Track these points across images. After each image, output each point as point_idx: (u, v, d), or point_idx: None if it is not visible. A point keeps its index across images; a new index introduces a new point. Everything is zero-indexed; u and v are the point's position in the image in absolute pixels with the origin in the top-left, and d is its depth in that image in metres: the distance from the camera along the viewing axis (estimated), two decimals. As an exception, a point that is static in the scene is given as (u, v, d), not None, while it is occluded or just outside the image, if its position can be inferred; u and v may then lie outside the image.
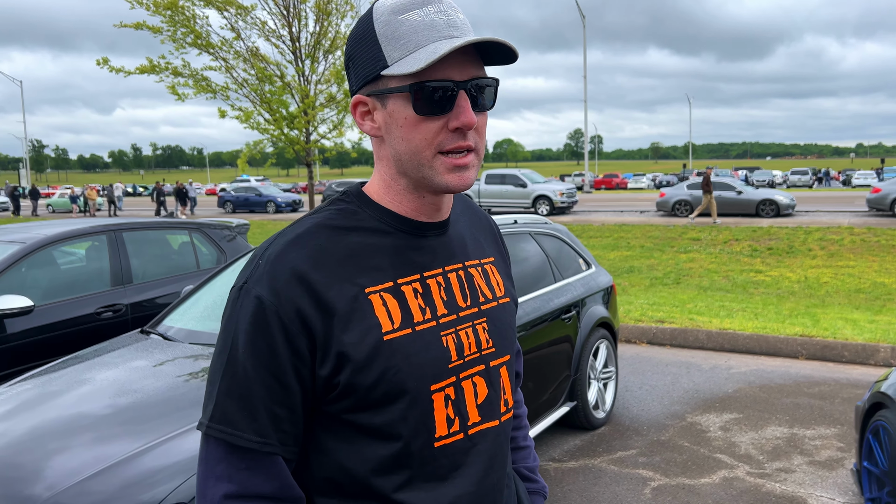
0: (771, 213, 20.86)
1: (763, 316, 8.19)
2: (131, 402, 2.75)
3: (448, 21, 1.00)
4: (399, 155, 1.05)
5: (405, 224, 1.10)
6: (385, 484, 1.04)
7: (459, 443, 1.08)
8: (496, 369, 1.14)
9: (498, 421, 1.14)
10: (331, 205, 1.12)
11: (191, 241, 5.85)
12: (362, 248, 1.06)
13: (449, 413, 1.07)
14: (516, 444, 1.38)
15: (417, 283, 1.08)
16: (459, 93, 1.01)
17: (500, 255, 1.28)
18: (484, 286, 1.18)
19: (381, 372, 1.01)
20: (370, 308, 1.03)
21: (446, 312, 1.09)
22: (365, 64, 1.04)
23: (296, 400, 1.02)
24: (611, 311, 5.24)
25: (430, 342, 1.06)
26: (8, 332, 4.30)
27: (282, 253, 1.02)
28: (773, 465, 4.22)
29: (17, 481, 2.32)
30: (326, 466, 1.06)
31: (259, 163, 15.10)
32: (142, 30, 12.02)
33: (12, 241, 4.80)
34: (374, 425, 1.03)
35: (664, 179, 57.55)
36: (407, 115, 1.02)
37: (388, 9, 1.01)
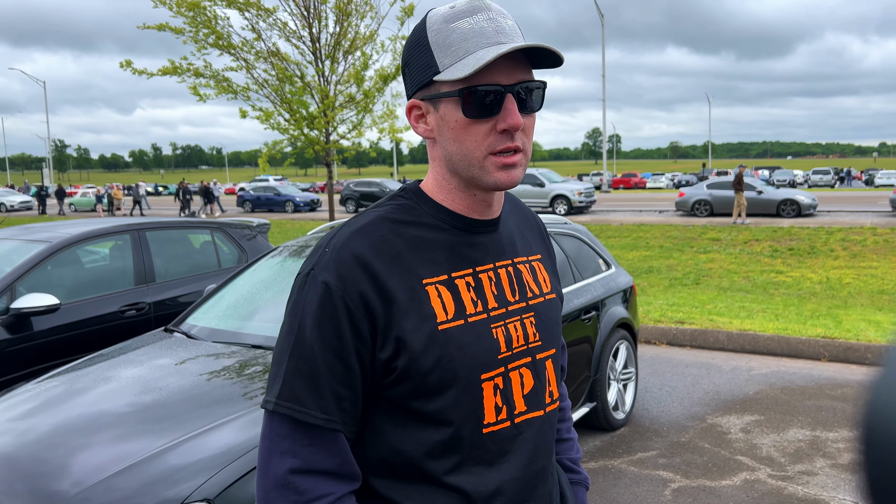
0: (792, 214, 20.65)
1: (784, 317, 8.11)
2: (155, 399, 2.79)
3: (496, 28, 1.05)
4: (450, 155, 1.11)
5: (459, 221, 1.16)
6: (436, 467, 1.10)
7: (506, 430, 1.13)
8: (542, 362, 1.20)
9: (543, 411, 1.19)
10: (390, 200, 1.17)
11: (212, 240, 5.90)
12: (420, 241, 1.12)
13: (497, 401, 1.12)
14: (560, 436, 1.44)
15: (470, 276, 1.14)
16: (507, 96, 1.05)
17: (546, 252, 1.33)
18: (531, 282, 1.23)
19: (436, 360, 1.06)
20: (427, 298, 1.08)
21: (496, 306, 1.15)
22: (419, 70, 1.10)
23: (357, 381, 1.07)
24: (631, 311, 5.22)
25: (481, 333, 1.11)
26: (35, 330, 4.37)
27: (347, 242, 1.08)
28: (795, 467, 4.18)
29: (43, 477, 2.36)
30: (381, 448, 1.11)
31: (278, 162, 15.19)
32: (164, 31, 12.13)
33: (38, 240, 4.88)
34: (427, 411, 1.09)
35: (683, 179, 57.12)
36: (457, 119, 1.07)
37: (440, 17, 1.07)
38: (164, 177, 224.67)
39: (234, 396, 2.77)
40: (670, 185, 57.27)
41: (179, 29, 12.30)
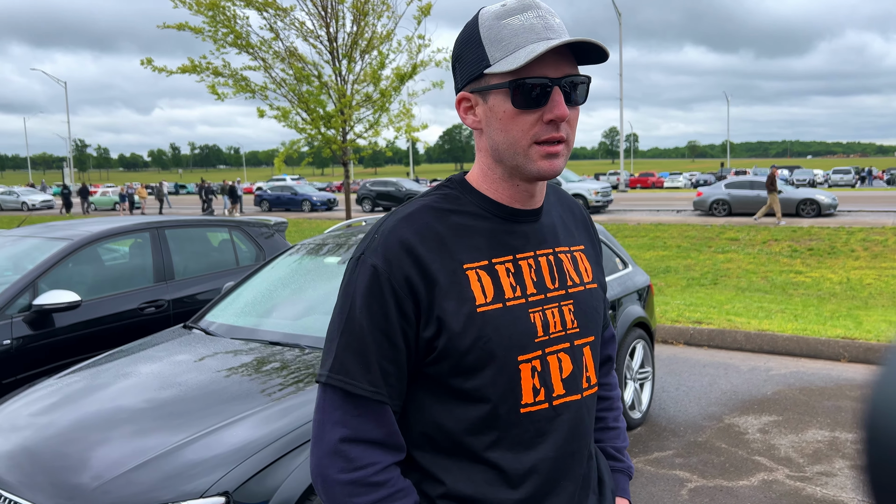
0: (812, 213, 20.44)
1: (803, 317, 8.04)
2: (174, 395, 2.82)
3: (545, 25, 1.11)
4: (497, 145, 1.17)
5: (501, 210, 1.21)
6: (474, 443, 1.16)
7: (544, 412, 1.19)
8: (580, 348, 1.24)
9: (580, 395, 1.23)
10: (436, 190, 1.25)
11: (230, 238, 5.95)
12: (463, 228, 1.18)
13: (535, 383, 1.18)
14: (606, 425, 1.48)
15: (510, 263, 1.19)
16: (554, 88, 1.11)
17: (591, 244, 1.37)
18: (572, 271, 1.27)
19: (474, 340, 1.13)
20: (467, 282, 1.15)
21: (535, 292, 1.20)
22: (470, 64, 1.16)
23: (402, 358, 1.15)
24: (647, 310, 5.20)
25: (519, 317, 1.17)
26: (56, 326, 4.43)
27: (394, 228, 1.16)
28: (813, 468, 4.15)
29: (64, 470, 2.40)
30: (423, 423, 1.19)
31: (295, 162, 15.27)
32: (184, 30, 12.24)
33: (59, 237, 4.95)
34: (465, 388, 1.15)
35: (701, 178, 56.70)
36: (506, 109, 1.13)
37: (491, 15, 1.13)
38: (183, 176, 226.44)
39: (252, 392, 2.79)
40: (688, 185, 56.88)
41: (199, 28, 12.41)
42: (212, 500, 2.24)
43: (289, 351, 3.22)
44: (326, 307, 3.66)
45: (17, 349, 4.24)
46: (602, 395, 1.50)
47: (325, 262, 4.00)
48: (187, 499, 2.23)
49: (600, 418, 1.48)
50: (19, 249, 5.01)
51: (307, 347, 3.23)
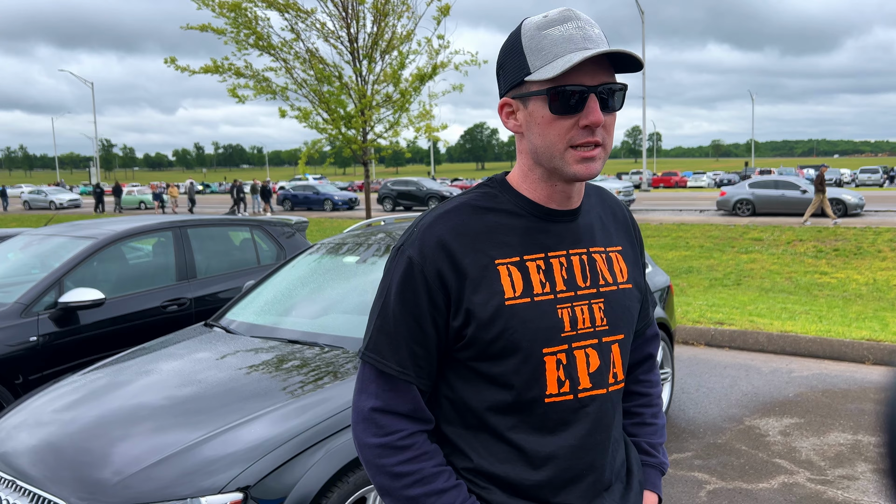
0: (838, 213, 20.15)
1: (828, 319, 7.93)
2: (194, 392, 2.86)
3: (584, 35, 1.17)
4: (536, 148, 1.23)
5: (537, 209, 1.28)
6: (499, 422, 1.25)
7: (568, 403, 1.25)
8: (608, 345, 1.29)
9: (606, 389, 1.29)
10: (477, 188, 1.32)
11: (252, 237, 6.01)
12: (497, 226, 1.26)
13: (560, 375, 1.24)
14: (644, 420, 1.52)
15: (541, 260, 1.26)
16: (590, 96, 1.17)
17: (630, 244, 1.41)
18: (605, 271, 1.32)
19: (501, 330, 1.21)
20: (497, 277, 1.22)
21: (565, 289, 1.26)
22: (512, 71, 1.23)
23: (431, 343, 1.25)
24: (667, 311, 5.17)
25: (546, 312, 1.23)
26: (81, 324, 4.51)
27: (431, 224, 1.25)
28: (835, 471, 4.10)
29: (86, 466, 2.44)
30: (452, 400, 1.29)
31: (317, 162, 15.36)
32: (207, 31, 12.38)
33: (84, 236, 5.03)
34: (491, 373, 1.24)
35: (725, 178, 56.11)
36: (544, 115, 1.20)
37: (534, 25, 1.20)
38: (207, 175, 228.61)
39: (271, 390, 2.82)
40: (712, 184, 56.32)
41: (221, 30, 12.53)
42: (230, 495, 2.27)
43: (308, 349, 3.25)
44: (345, 306, 3.69)
45: (43, 346, 4.32)
46: (641, 392, 1.53)
47: (345, 261, 4.03)
48: (206, 494, 2.26)
49: (638, 413, 1.52)
50: (46, 248, 5.11)
51: (326, 346, 3.26)
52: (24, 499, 2.41)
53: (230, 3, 12.14)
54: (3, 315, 4.29)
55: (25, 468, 2.51)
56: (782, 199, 21.13)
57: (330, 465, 2.46)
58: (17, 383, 4.19)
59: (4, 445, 2.68)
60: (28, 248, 5.23)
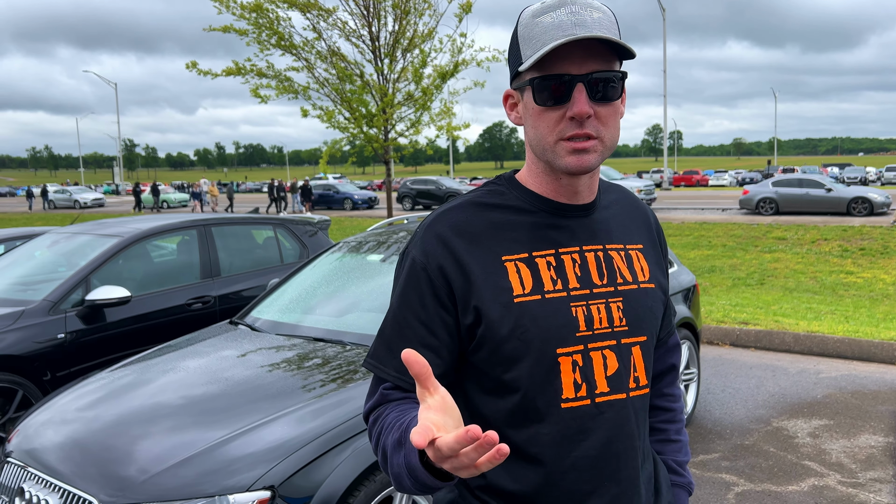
0: (863, 212, 19.84)
1: (854, 319, 7.81)
2: (220, 390, 2.87)
3: (576, 21, 1.09)
4: (531, 140, 1.20)
5: (546, 204, 1.23)
6: (515, 435, 1.17)
7: (586, 408, 1.17)
8: (628, 347, 1.21)
9: (625, 394, 1.20)
10: (485, 186, 1.28)
11: (275, 236, 6.04)
12: (504, 222, 1.21)
13: (576, 378, 1.17)
14: (668, 437, 1.45)
15: (552, 256, 1.19)
16: (577, 85, 1.10)
17: (651, 244, 1.35)
18: (624, 269, 1.25)
19: (511, 329, 1.14)
20: (504, 273, 1.17)
21: (578, 286, 1.19)
22: (511, 62, 1.20)
23: (442, 346, 1.17)
24: (693, 311, 5.11)
25: (559, 309, 1.17)
26: (107, 321, 4.55)
27: (433, 223, 1.21)
28: (866, 474, 4.02)
29: (114, 463, 2.46)
30: (468, 413, 1.22)
31: (338, 161, 15.42)
32: (229, 32, 12.46)
33: (110, 234, 5.08)
34: (505, 379, 1.17)
35: (748, 176, 55.53)
36: (533, 107, 1.15)
37: (529, 13, 1.15)
38: (228, 175, 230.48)
39: (296, 388, 2.82)
40: (734, 183, 55.75)
41: (244, 31, 12.60)
42: (257, 493, 2.27)
43: (331, 347, 3.25)
44: (368, 304, 3.68)
45: (70, 343, 4.37)
46: (664, 406, 1.46)
47: (367, 259, 4.02)
48: (234, 492, 2.26)
49: (661, 430, 1.45)
50: (72, 246, 5.16)
51: (349, 344, 3.25)
52: (55, 495, 2.43)
53: (252, 5, 12.20)
54: (32, 312, 4.34)
55: (55, 465, 2.53)
56: (807, 198, 20.85)
57: (356, 463, 2.45)
58: (46, 380, 4.24)
59: (33, 442, 2.71)
60: (55, 247, 5.29)
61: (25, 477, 2.57)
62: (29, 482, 2.54)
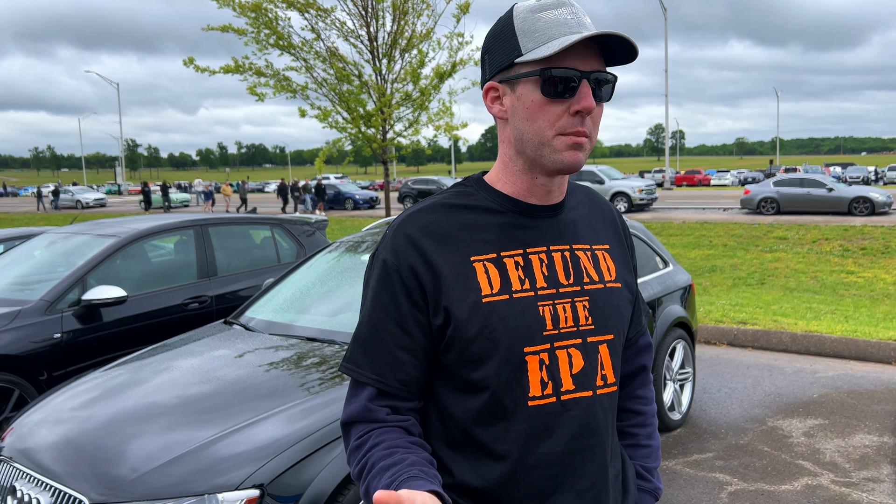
0: (865, 212, 19.82)
1: (854, 319, 7.81)
2: (213, 389, 2.88)
3: (578, 21, 1.14)
4: (521, 134, 1.19)
5: (515, 205, 1.23)
6: (483, 434, 1.19)
7: (552, 406, 1.19)
8: (594, 345, 1.23)
9: (592, 392, 1.22)
10: (452, 187, 1.29)
11: (272, 236, 6.05)
12: (472, 223, 1.22)
13: (543, 376, 1.19)
14: (637, 442, 1.44)
15: (520, 256, 1.21)
16: (583, 81, 1.14)
17: (618, 244, 1.35)
18: (591, 268, 1.26)
19: (479, 329, 1.16)
20: (473, 274, 1.18)
21: (545, 286, 1.21)
22: (501, 54, 1.19)
23: (418, 347, 1.20)
24: (689, 310, 5.12)
25: (526, 309, 1.18)
26: (104, 321, 4.57)
27: (402, 224, 1.22)
28: (860, 474, 4.03)
29: (106, 462, 2.47)
30: (438, 413, 1.24)
31: (338, 160, 15.43)
32: (228, 32, 12.47)
33: (107, 234, 5.09)
34: (473, 379, 1.18)
35: (749, 176, 55.46)
36: (534, 98, 1.15)
37: (527, 8, 1.17)
38: (230, 175, 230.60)
39: (289, 387, 2.83)
40: (735, 183, 55.69)
41: (242, 30, 12.61)
42: (246, 492, 2.28)
43: (327, 347, 3.26)
44: (363, 304, 3.68)
45: (66, 342, 4.38)
46: (635, 409, 1.46)
47: (363, 259, 4.03)
48: (223, 490, 2.27)
49: (631, 434, 1.44)
50: (70, 246, 5.18)
51: (343, 343, 3.26)
52: (46, 493, 2.44)
53: (251, 4, 12.22)
54: (28, 312, 4.35)
55: (47, 463, 2.54)
56: (808, 198, 20.83)
57: (345, 462, 2.46)
58: (42, 379, 4.26)
59: (26, 441, 2.72)
60: (53, 247, 5.31)
61: (17, 475, 2.58)
62: (21, 481, 2.55)
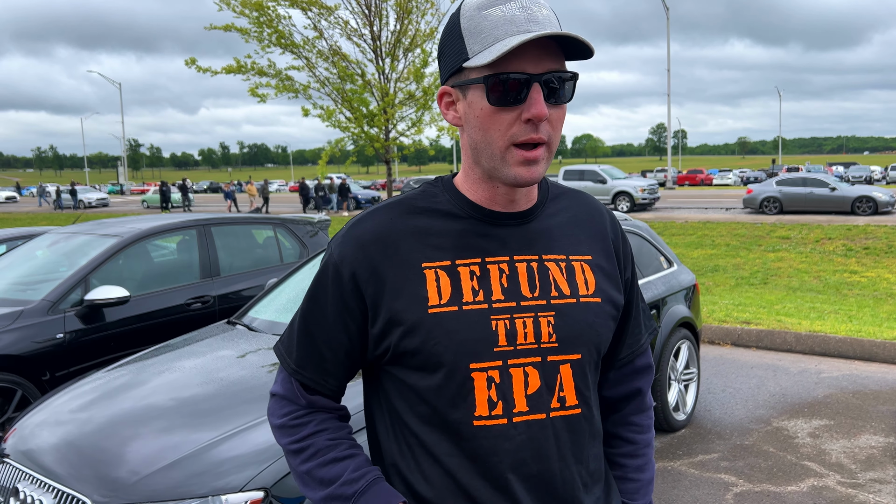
0: (868, 211, 19.77)
1: (858, 319, 7.78)
2: (216, 390, 2.86)
3: (528, 16, 1.03)
4: (475, 144, 1.11)
5: (477, 211, 1.16)
6: (434, 447, 1.13)
7: (501, 427, 1.10)
8: (554, 364, 1.13)
9: (545, 415, 1.12)
10: (421, 186, 1.22)
11: (275, 235, 6.04)
12: (429, 227, 1.15)
13: (491, 395, 1.10)
14: (625, 475, 1.32)
15: (476, 266, 1.12)
16: (533, 85, 1.03)
17: (604, 255, 1.24)
18: (562, 281, 1.16)
19: (422, 341, 1.09)
20: (422, 282, 1.11)
21: (503, 298, 1.12)
22: (451, 57, 1.10)
23: (340, 348, 1.17)
24: (693, 310, 5.09)
25: (477, 322, 1.09)
26: (106, 321, 4.56)
27: (357, 222, 1.17)
28: (866, 475, 4.01)
29: (110, 463, 2.45)
30: (393, 418, 1.17)
31: (340, 160, 15.43)
32: (230, 31, 12.46)
33: (110, 234, 5.08)
34: (419, 388, 1.12)
35: (752, 175, 55.41)
36: (483, 106, 1.06)
37: (473, 5, 1.07)
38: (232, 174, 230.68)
39: (292, 388, 2.81)
40: (738, 182, 55.65)
41: (245, 29, 12.61)
42: (251, 494, 2.26)
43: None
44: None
45: (69, 342, 4.37)
46: (626, 437, 1.33)
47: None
48: (226, 493, 2.26)
49: (620, 465, 1.32)
50: (72, 246, 5.16)
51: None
52: (49, 495, 2.43)
53: (254, 3, 12.21)
54: (31, 312, 4.34)
55: (50, 465, 2.52)
56: (811, 197, 20.77)
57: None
58: (44, 379, 4.24)
59: (29, 443, 2.71)
60: (55, 246, 5.29)
61: (20, 477, 2.57)
62: (24, 482, 2.54)
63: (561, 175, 25.94)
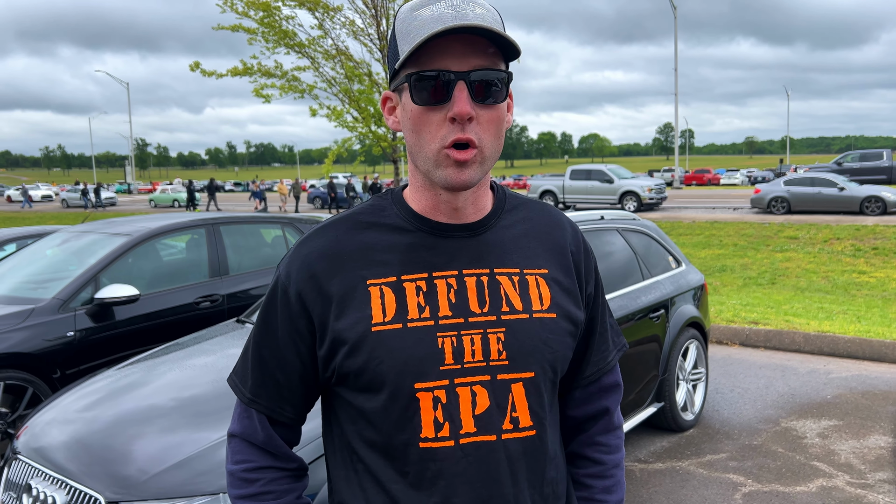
0: (877, 211, 19.66)
1: (867, 319, 7.75)
2: (226, 388, 2.87)
3: (457, 14, 1.00)
4: (410, 147, 1.08)
5: (424, 223, 1.12)
6: (380, 472, 1.09)
7: (448, 450, 1.05)
8: (505, 383, 1.08)
9: (496, 436, 1.07)
10: (370, 200, 1.19)
11: (283, 234, 6.06)
12: (376, 243, 1.11)
13: (437, 416, 1.05)
14: (591, 496, 1.25)
15: (423, 281, 1.08)
16: (457, 83, 1.00)
17: (562, 269, 1.18)
18: (514, 296, 1.11)
19: (366, 360, 1.05)
20: (367, 299, 1.07)
21: (450, 314, 1.07)
22: (390, 61, 1.09)
23: (293, 371, 1.13)
24: (701, 310, 5.09)
25: (422, 340, 1.05)
26: (116, 319, 4.58)
27: (304, 241, 1.14)
28: (875, 475, 3.99)
29: (118, 461, 2.47)
30: (339, 440, 1.14)
31: (347, 160, 15.44)
32: (237, 31, 12.49)
33: (119, 233, 5.11)
34: (365, 410, 1.08)
35: (759, 175, 55.22)
36: (412, 108, 1.03)
37: (408, 7, 1.05)
38: (239, 174, 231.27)
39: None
40: (745, 182, 55.46)
41: (253, 30, 12.63)
42: (261, 491, 2.27)
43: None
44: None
45: (79, 341, 4.39)
46: (593, 458, 1.26)
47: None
48: (238, 490, 2.27)
49: (586, 485, 1.25)
50: (82, 245, 5.19)
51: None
52: (61, 491, 2.45)
53: (260, 3, 12.23)
54: (42, 311, 4.37)
55: (62, 462, 2.55)
56: (819, 197, 20.67)
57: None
58: (55, 377, 4.27)
59: (40, 440, 2.73)
60: (65, 245, 5.32)
61: (33, 474, 2.59)
62: (36, 479, 2.56)
63: (568, 174, 25.89)
